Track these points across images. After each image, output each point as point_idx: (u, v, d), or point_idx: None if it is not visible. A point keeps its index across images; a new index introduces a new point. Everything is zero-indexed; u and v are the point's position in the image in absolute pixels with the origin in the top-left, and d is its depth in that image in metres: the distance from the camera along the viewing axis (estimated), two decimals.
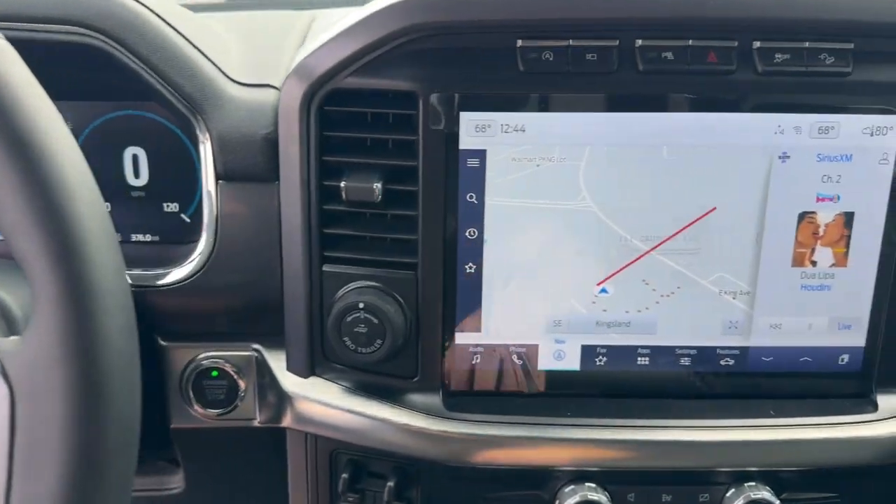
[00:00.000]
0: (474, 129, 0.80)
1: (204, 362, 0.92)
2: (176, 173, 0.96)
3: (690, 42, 0.77)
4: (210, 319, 0.92)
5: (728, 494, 0.86)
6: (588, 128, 0.80)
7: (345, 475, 0.89)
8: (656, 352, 0.87)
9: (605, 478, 0.87)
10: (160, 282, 0.89)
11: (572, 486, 0.85)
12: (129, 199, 0.98)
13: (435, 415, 0.86)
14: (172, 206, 0.98)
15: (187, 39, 0.86)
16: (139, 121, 0.96)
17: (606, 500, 0.85)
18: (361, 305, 0.82)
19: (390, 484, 0.87)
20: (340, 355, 0.86)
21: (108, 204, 0.97)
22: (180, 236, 0.95)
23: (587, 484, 0.85)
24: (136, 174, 0.98)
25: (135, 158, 0.98)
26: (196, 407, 0.93)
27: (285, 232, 0.85)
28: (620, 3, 0.77)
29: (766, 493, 0.84)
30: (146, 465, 1.12)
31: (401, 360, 0.87)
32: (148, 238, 1.00)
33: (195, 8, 1.06)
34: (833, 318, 0.86)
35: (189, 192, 0.97)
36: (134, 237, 1.00)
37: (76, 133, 0.95)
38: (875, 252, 0.84)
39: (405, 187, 0.82)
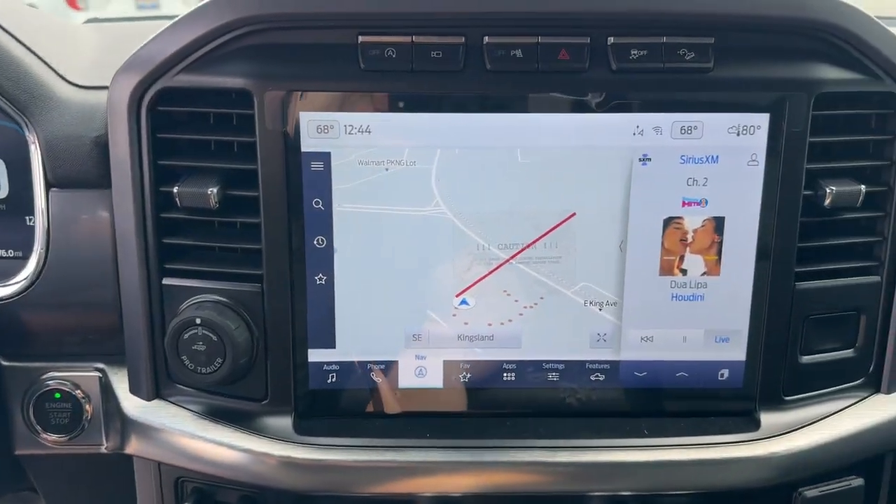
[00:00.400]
0: (316, 129, 0.74)
1: (48, 383, 0.85)
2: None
3: (540, 39, 0.73)
4: (50, 337, 0.85)
5: None
6: (437, 129, 0.75)
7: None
8: (522, 367, 0.82)
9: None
10: None
11: None
12: None
13: (284, 439, 0.79)
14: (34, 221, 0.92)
15: (19, 41, 0.80)
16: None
17: None
18: (198, 321, 0.76)
19: None
20: (181, 376, 0.80)
21: None
22: None
23: None
24: None
25: None
26: (40, 431, 0.86)
27: (120, 243, 0.78)
28: None
29: None
30: (6, 495, 1.05)
31: (249, 380, 0.80)
32: (11, 254, 0.93)
33: None
34: (709, 331, 0.81)
35: None
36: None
37: None
38: (750, 260, 0.79)
39: (245, 193, 0.76)
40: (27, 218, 0.91)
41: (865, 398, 0.86)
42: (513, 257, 0.78)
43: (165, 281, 0.80)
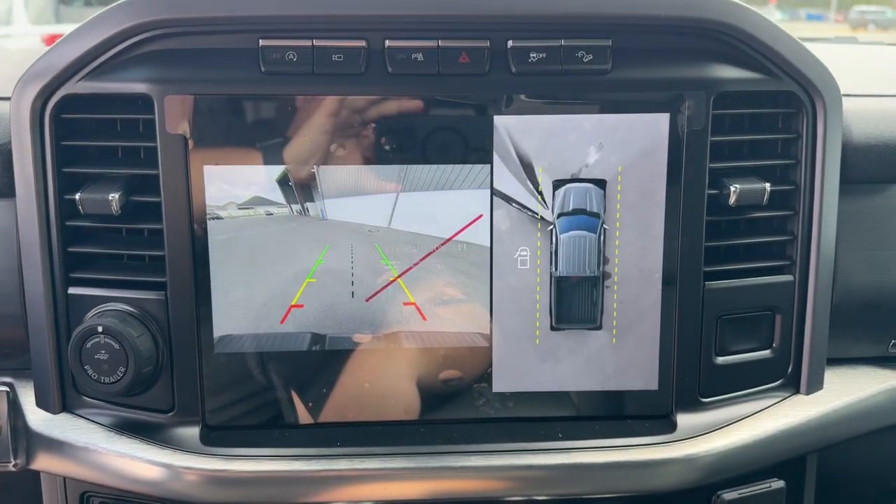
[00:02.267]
0: None
1: None
2: None
3: (440, 43, 0.74)
4: None
5: None
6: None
7: None
8: None
9: None
10: None
11: None
12: None
13: (191, 451, 0.77)
14: None
15: None
16: None
17: None
18: (100, 329, 0.75)
19: None
20: (86, 387, 0.78)
21: None
22: None
23: None
24: None
25: None
26: None
27: (24, 251, 0.77)
28: (365, 0, 0.73)
29: None
30: None
31: (156, 391, 0.79)
32: None
33: None
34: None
35: None
36: None
37: None
38: (657, 259, 0.79)
39: (148, 198, 0.76)
40: None
41: (785, 399, 0.86)
42: (422, 260, 0.78)
43: (71, 290, 0.78)
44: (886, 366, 0.92)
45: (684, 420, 0.82)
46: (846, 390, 0.88)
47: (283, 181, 0.76)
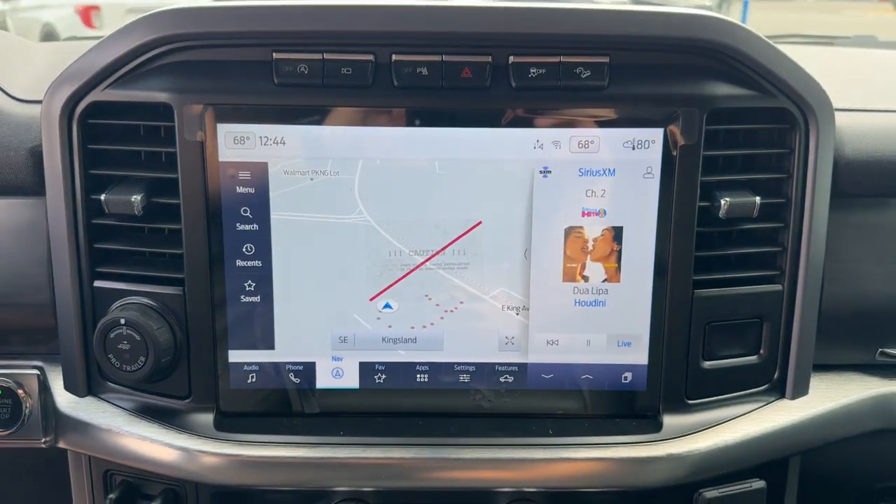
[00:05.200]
0: (232, 140, 0.79)
1: None
2: None
3: (444, 57, 0.77)
4: None
5: None
6: (356, 141, 0.80)
7: (112, 496, 0.86)
8: (435, 369, 0.85)
9: (377, 498, 0.85)
10: None
11: None
12: None
13: (204, 435, 0.83)
14: None
15: None
16: None
17: None
18: (123, 321, 0.81)
19: None
20: (110, 374, 0.84)
21: None
22: None
23: None
24: None
25: None
26: None
27: (53, 247, 0.83)
28: (373, 17, 0.77)
29: None
30: None
31: (174, 379, 0.85)
32: None
33: None
34: (611, 335, 0.85)
35: None
36: None
37: None
38: (648, 267, 0.83)
39: (168, 200, 0.81)
40: None
41: (769, 403, 0.90)
42: (424, 262, 0.83)
43: (97, 284, 0.84)
44: (872, 373, 0.95)
45: (670, 420, 0.86)
46: (831, 396, 0.92)
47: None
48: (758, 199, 0.82)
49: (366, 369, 0.86)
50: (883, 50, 1.49)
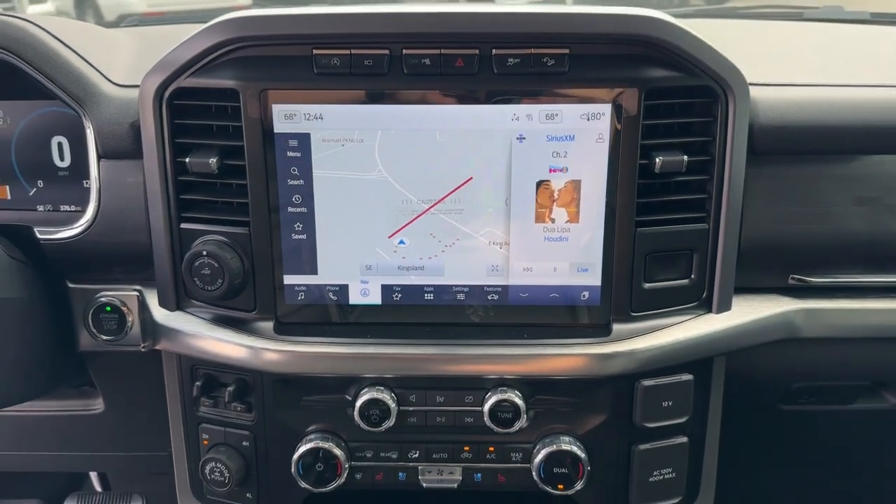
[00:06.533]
0: (283, 116, 1.05)
1: (101, 299, 1.18)
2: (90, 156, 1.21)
3: (442, 51, 1.01)
4: (101, 266, 1.18)
5: (486, 396, 1.11)
6: (376, 116, 1.05)
7: (198, 383, 1.16)
8: (439, 290, 1.12)
9: (395, 383, 1.13)
10: (58, 236, 1.15)
11: (367, 389, 1.11)
12: (57, 178, 1.25)
13: (266, 337, 1.12)
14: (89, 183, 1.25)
15: (74, 51, 1.11)
16: (62, 116, 1.22)
17: (391, 399, 1.11)
18: (204, 253, 1.08)
19: (230, 389, 1.14)
20: (194, 293, 1.12)
21: (41, 182, 1.24)
22: None
23: (378, 388, 1.11)
24: (62, 158, 1.24)
25: (59, 145, 1.24)
26: (96, 335, 1.19)
27: (149, 197, 1.10)
28: (388, 22, 1.01)
29: (514, 396, 1.09)
30: (72, 390, 1.39)
31: (242, 297, 1.12)
32: (73, 208, 1.26)
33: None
34: (573, 263, 1.10)
35: None
36: (63, 208, 1.26)
37: (12, 126, 1.22)
38: (601, 211, 1.07)
39: (237, 162, 1.07)
40: (84, 181, 1.24)
41: (699, 316, 1.14)
42: (430, 208, 1.08)
43: (183, 225, 1.11)
44: (785, 294, 1.19)
45: (618, 328, 1.11)
46: (748, 311, 1.16)
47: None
48: (685, 157, 1.05)
49: (386, 290, 1.13)
50: (842, 25, 1.65)
